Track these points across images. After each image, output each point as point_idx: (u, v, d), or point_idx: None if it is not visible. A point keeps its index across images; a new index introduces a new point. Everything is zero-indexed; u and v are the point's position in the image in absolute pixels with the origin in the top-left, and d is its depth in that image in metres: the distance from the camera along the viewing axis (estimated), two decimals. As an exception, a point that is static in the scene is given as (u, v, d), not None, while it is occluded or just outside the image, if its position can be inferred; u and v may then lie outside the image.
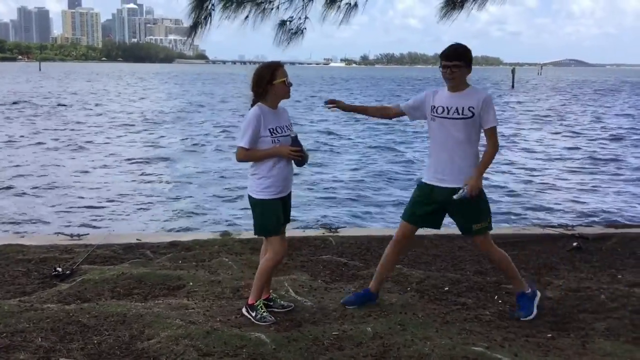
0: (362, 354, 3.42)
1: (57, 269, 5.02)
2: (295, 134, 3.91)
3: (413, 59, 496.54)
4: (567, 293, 4.60)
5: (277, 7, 6.24)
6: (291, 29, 6.34)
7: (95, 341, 3.56)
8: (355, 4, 6.43)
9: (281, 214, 3.92)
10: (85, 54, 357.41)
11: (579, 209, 11.57)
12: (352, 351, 3.46)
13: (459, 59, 3.93)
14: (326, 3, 6.33)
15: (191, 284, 4.68)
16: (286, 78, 3.88)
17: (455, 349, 3.43)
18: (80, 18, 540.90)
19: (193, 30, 6.30)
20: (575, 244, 5.98)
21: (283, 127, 3.91)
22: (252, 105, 3.91)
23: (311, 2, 6.29)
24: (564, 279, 4.99)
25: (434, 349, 3.42)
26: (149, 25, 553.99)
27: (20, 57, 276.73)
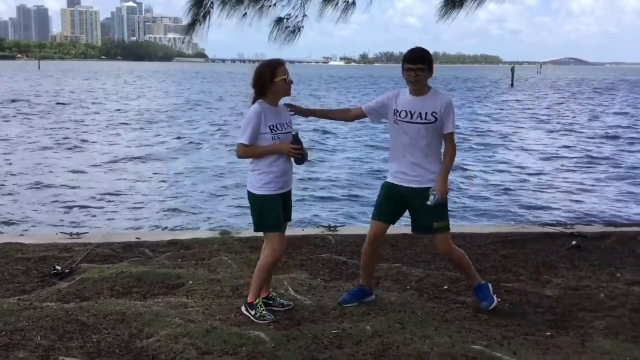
0: (362, 352, 3.42)
1: (57, 267, 5.02)
2: (295, 132, 3.91)
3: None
4: (566, 291, 4.61)
5: (274, 4, 6.22)
6: (288, 26, 6.31)
7: (94, 340, 3.56)
8: (354, 2, 6.41)
9: (281, 210, 3.92)
10: (85, 52, 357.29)
11: (577, 207, 11.56)
12: (352, 349, 3.47)
13: (423, 62, 3.98)
14: (324, 0, 6.30)
15: (190, 282, 4.68)
16: (287, 76, 3.89)
17: (454, 347, 3.43)
18: (80, 16, 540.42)
19: (191, 27, 6.27)
20: (574, 242, 5.99)
21: (283, 124, 3.91)
22: (253, 102, 3.91)
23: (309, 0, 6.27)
24: (563, 277, 5.00)
25: (433, 347, 3.43)
26: (148, 23, 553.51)
27: (19, 55, 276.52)
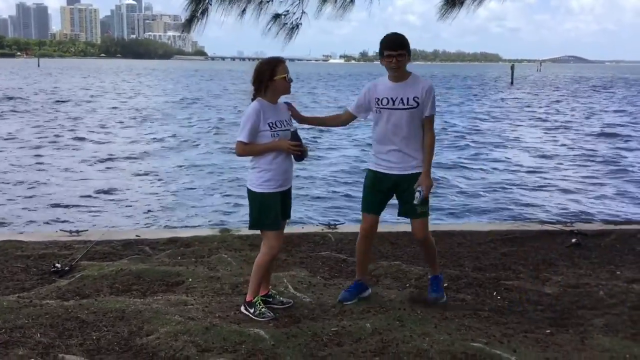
0: (361, 349, 3.42)
1: (56, 265, 5.02)
2: (294, 129, 3.91)
3: (412, 55, 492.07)
4: (566, 289, 4.61)
5: (272, 0, 6.18)
6: (286, 23, 6.26)
7: (94, 337, 3.56)
8: (352, 0, 6.37)
9: (279, 208, 3.92)
10: (84, 50, 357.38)
11: (576, 205, 11.57)
12: (351, 347, 3.46)
13: (403, 47, 4.01)
14: None
15: (190, 280, 4.68)
16: (287, 74, 3.88)
17: (454, 344, 3.43)
18: (79, 14, 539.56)
19: (189, 24, 6.23)
20: (574, 240, 5.99)
21: (283, 121, 3.91)
22: (253, 100, 3.90)
23: None
24: (562, 275, 5.00)
25: (433, 345, 3.43)
26: (147, 21, 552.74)
27: (19, 53, 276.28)
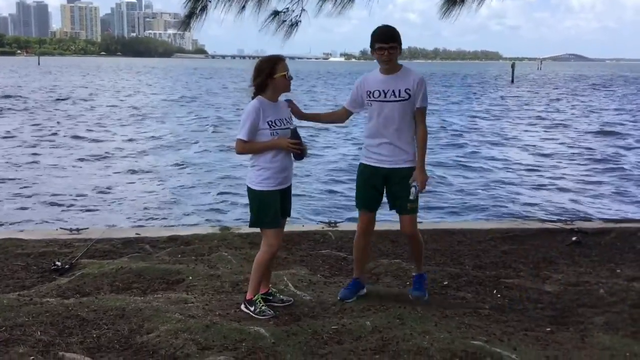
0: (361, 347, 3.42)
1: (57, 263, 5.02)
2: (294, 127, 3.90)
3: (413, 53, 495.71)
4: (566, 287, 4.61)
5: None
6: (285, 20, 6.24)
7: (94, 335, 3.56)
8: None
9: (279, 206, 3.92)
10: (84, 48, 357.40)
11: (575, 204, 11.58)
12: (351, 345, 3.47)
13: (395, 40, 4.00)
14: None
15: (190, 278, 4.68)
16: (287, 72, 3.88)
17: (454, 342, 3.43)
18: (79, 12, 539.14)
19: (188, 20, 6.20)
20: (574, 238, 5.98)
21: (282, 119, 3.90)
22: (253, 98, 3.90)
23: None
24: (563, 273, 5.00)
25: (433, 343, 3.43)
26: (147, 19, 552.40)
27: (19, 51, 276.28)
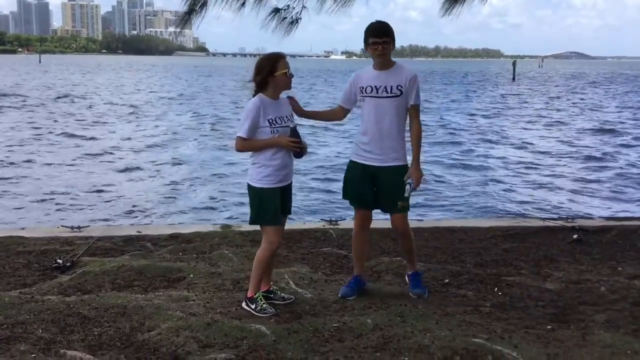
0: (362, 345, 3.43)
1: (58, 260, 5.03)
2: (294, 125, 3.90)
3: (414, 51, 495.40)
4: (567, 285, 4.61)
5: None
6: (285, 17, 6.22)
7: (95, 333, 3.57)
8: None
9: (279, 204, 3.92)
10: (85, 46, 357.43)
11: (576, 202, 11.58)
12: (352, 343, 3.47)
13: (388, 35, 3.99)
14: None
15: (191, 276, 4.68)
16: (288, 69, 3.87)
17: (455, 340, 3.43)
18: (80, 10, 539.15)
19: (187, 17, 6.18)
20: (575, 236, 5.98)
21: (283, 117, 3.90)
22: (254, 95, 3.90)
23: None
24: (564, 271, 4.99)
25: (434, 341, 3.43)
26: (148, 17, 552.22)
27: (20, 49, 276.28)
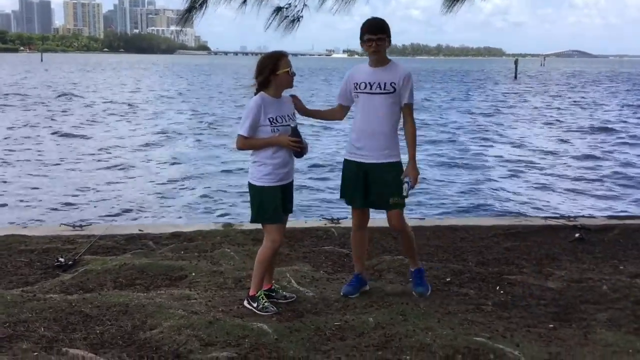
0: (364, 344, 3.43)
1: (60, 259, 5.03)
2: (295, 124, 3.89)
3: (415, 49, 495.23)
4: (569, 284, 4.60)
5: None
6: (287, 15, 6.21)
7: (97, 331, 3.57)
8: None
9: (280, 202, 3.91)
10: (87, 44, 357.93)
11: (577, 201, 11.57)
12: (354, 341, 3.47)
13: (383, 31, 3.97)
14: None
15: (193, 274, 4.69)
16: (290, 68, 3.87)
17: (457, 339, 3.43)
18: (82, 9, 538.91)
19: (188, 14, 6.16)
20: (577, 235, 5.98)
21: (284, 116, 3.89)
22: (256, 94, 3.90)
23: None
24: (566, 269, 4.99)
25: (436, 340, 3.43)
26: (150, 16, 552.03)
27: (22, 48, 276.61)
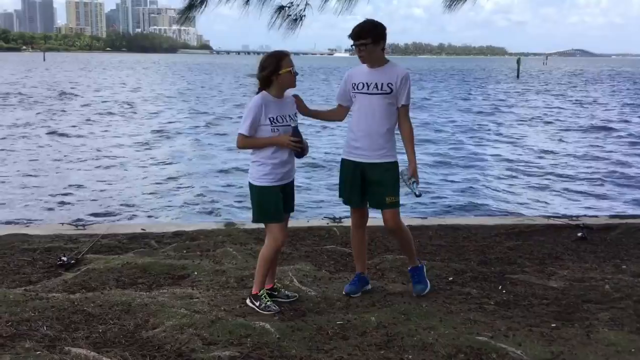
0: (366, 343, 3.43)
1: (62, 258, 5.04)
2: (295, 124, 3.88)
3: (418, 48, 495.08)
4: (571, 283, 4.60)
5: None
6: (289, 15, 6.19)
7: (100, 330, 3.57)
8: None
9: (280, 201, 3.91)
10: (90, 44, 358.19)
11: (578, 201, 11.56)
12: (356, 340, 3.47)
13: (364, 37, 3.97)
14: None
15: (196, 273, 4.69)
16: (292, 67, 3.86)
17: (459, 338, 3.43)
18: (85, 8, 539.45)
19: (188, 12, 6.13)
20: (580, 234, 5.97)
21: (285, 116, 3.88)
22: (257, 92, 3.90)
23: None
24: (568, 269, 4.99)
25: (438, 339, 3.43)
26: (152, 15, 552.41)
27: (24, 47, 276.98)
